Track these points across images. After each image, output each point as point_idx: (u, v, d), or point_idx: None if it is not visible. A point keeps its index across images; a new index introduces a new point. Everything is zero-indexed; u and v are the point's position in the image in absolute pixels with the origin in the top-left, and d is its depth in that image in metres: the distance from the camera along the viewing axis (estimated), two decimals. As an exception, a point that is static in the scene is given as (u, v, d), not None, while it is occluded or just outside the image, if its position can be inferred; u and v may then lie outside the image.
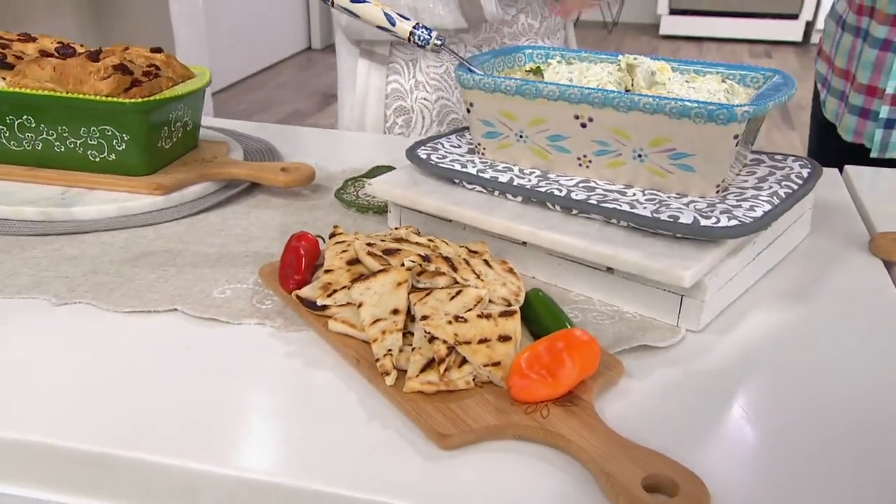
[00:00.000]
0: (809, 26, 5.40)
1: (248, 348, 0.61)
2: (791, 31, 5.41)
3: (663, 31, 5.63)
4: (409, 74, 1.12)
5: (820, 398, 0.55)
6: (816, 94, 1.28)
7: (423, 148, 0.80)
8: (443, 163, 0.76)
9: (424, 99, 1.13)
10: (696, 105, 0.64)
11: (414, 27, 0.78)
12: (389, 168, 0.91)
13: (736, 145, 0.65)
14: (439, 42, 0.78)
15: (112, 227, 0.79)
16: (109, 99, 0.80)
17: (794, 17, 5.38)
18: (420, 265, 0.61)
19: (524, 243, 0.70)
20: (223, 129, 1.06)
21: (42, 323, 0.64)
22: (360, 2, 0.78)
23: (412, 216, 0.77)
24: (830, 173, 0.95)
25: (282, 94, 4.34)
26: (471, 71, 0.75)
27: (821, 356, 0.60)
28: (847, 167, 0.96)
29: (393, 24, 0.78)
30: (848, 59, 1.15)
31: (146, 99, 0.81)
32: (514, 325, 0.57)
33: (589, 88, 0.68)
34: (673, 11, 5.58)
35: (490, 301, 0.60)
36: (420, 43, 0.78)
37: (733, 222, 0.62)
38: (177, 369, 0.58)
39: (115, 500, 0.51)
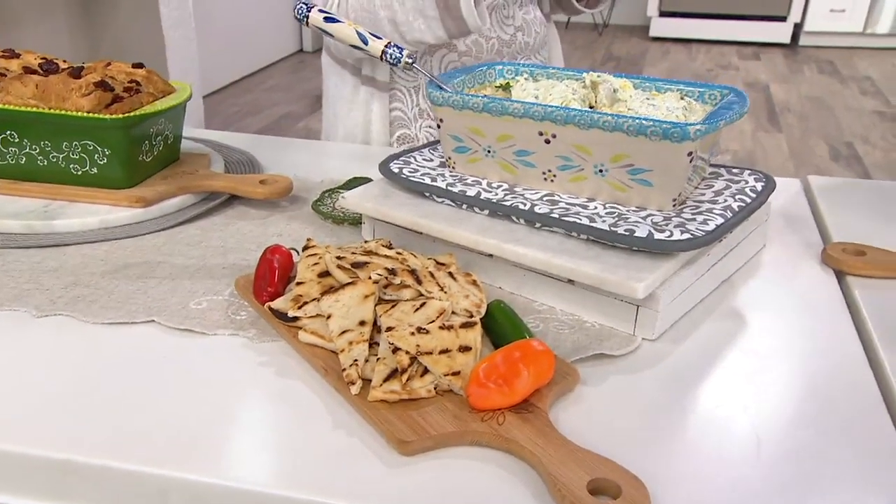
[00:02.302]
0: (797, 28, 5.45)
1: (221, 359, 0.63)
2: (779, 33, 5.46)
3: (653, 33, 5.67)
4: (413, 102, 1.11)
5: (769, 406, 0.58)
6: None
7: (395, 161, 0.83)
8: (414, 176, 0.79)
9: (429, 127, 1.12)
10: (651, 123, 0.67)
11: (386, 46, 0.81)
12: (366, 179, 0.94)
13: (690, 161, 0.68)
14: (410, 60, 0.81)
15: (93, 240, 0.82)
16: (91, 115, 0.83)
17: (783, 19, 5.42)
18: (386, 278, 0.64)
19: (491, 255, 0.72)
20: (205, 140, 1.09)
21: (22, 335, 0.66)
22: (334, 21, 0.81)
23: (385, 228, 0.80)
24: (792, 184, 0.98)
25: (273, 96, 4.36)
26: (441, 88, 0.78)
27: (771, 365, 0.63)
28: (809, 177, 0.99)
29: (366, 43, 0.81)
30: None
31: (126, 115, 0.84)
32: (474, 336, 0.59)
33: (552, 106, 0.71)
34: (663, 13, 5.62)
35: (453, 312, 0.63)
36: (391, 61, 0.81)
37: (685, 236, 0.65)
38: (152, 379, 0.60)
39: (91, 506, 0.53)
